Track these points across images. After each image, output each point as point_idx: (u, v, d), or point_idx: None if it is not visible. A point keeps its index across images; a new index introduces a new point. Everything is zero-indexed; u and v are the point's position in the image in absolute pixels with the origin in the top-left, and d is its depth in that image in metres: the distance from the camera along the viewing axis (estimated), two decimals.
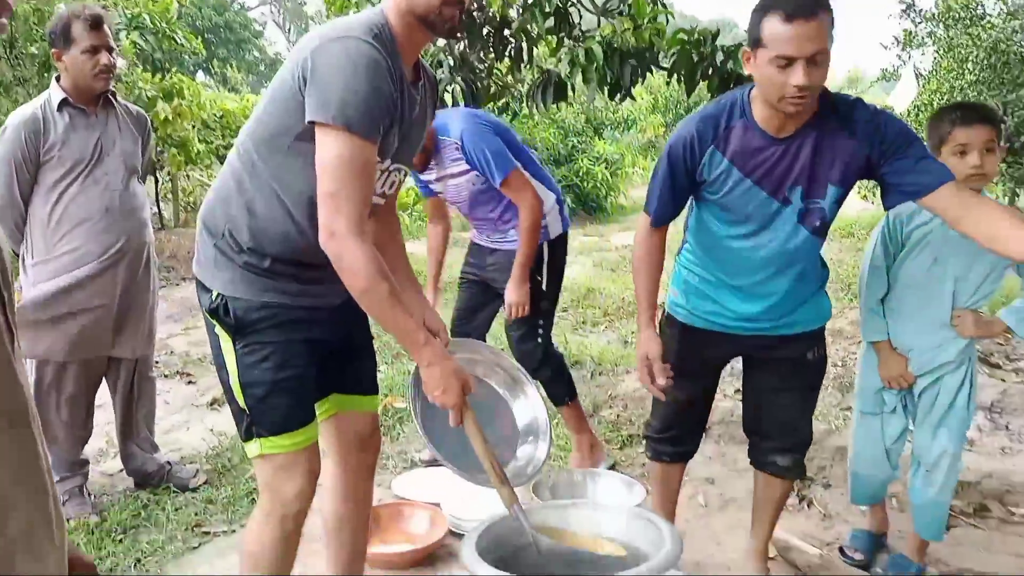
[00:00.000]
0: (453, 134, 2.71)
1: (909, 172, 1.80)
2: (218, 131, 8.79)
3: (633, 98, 3.70)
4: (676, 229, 2.15)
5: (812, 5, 1.69)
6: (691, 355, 2.14)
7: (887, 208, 1.91)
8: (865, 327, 2.32)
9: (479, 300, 3.06)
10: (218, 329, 1.67)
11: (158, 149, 7.06)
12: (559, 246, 2.94)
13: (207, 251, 1.69)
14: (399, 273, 1.84)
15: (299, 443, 1.69)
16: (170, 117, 6.80)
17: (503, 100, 4.03)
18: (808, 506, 2.90)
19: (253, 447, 1.69)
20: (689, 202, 2.08)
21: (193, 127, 7.62)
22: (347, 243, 1.49)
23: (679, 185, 1.97)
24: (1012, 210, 1.89)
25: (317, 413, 1.78)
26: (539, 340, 2.90)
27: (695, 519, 2.75)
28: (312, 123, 1.51)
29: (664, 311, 2.24)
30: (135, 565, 2.52)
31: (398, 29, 1.59)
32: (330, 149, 1.49)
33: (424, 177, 2.91)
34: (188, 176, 9.14)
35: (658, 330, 2.13)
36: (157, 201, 8.57)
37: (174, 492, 2.94)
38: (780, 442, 2.19)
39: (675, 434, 2.26)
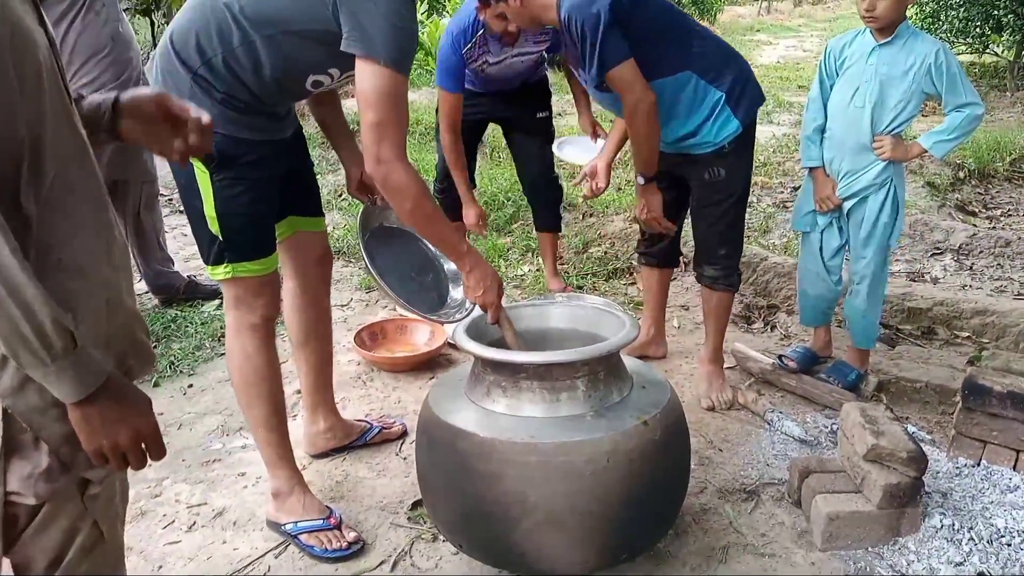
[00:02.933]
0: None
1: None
2: None
3: None
4: None
5: None
6: None
7: None
8: (803, 154, 2.61)
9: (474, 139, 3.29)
10: (193, 161, 1.74)
11: None
12: None
13: (179, 81, 1.72)
14: (338, 128, 2.15)
15: (268, 268, 1.89)
16: None
17: None
18: (771, 329, 3.21)
19: (222, 270, 1.84)
20: None
21: None
22: (393, 168, 1.64)
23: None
24: (630, 118, 2.29)
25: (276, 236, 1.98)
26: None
27: (669, 340, 3.05)
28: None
29: None
30: (169, 367, 2.85)
31: None
32: (373, 83, 1.60)
33: (485, 61, 2.90)
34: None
35: None
36: (154, 42, 8.46)
37: (199, 307, 3.25)
38: (705, 256, 2.54)
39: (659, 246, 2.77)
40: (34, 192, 0.96)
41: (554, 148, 3.29)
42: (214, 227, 1.80)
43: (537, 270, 3.75)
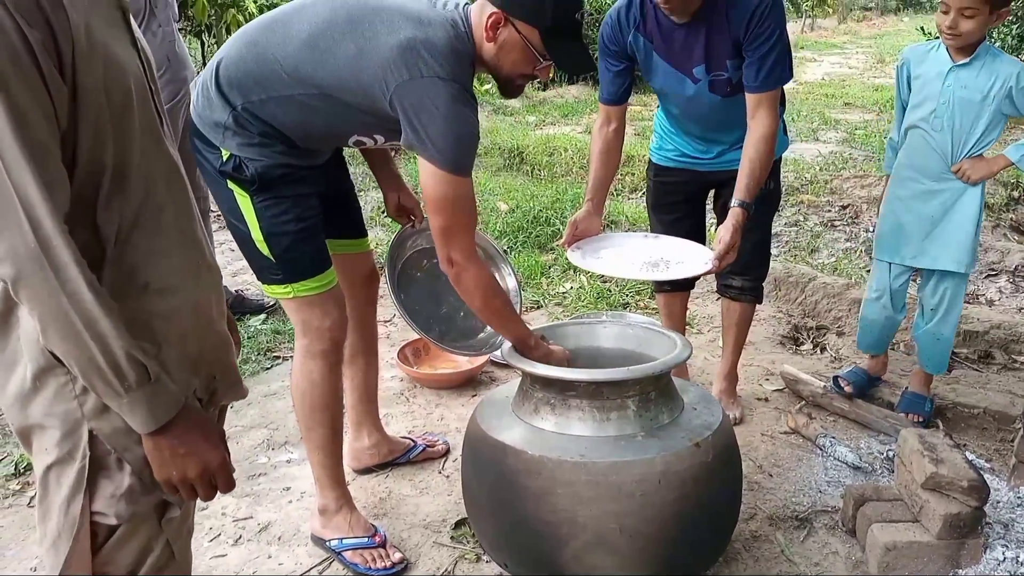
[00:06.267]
0: None
1: (747, 66, 2.10)
2: None
3: None
4: None
5: None
6: (666, 188, 2.51)
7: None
8: (886, 161, 2.57)
9: None
10: (232, 186, 1.74)
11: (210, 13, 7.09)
12: None
13: (219, 113, 1.72)
14: (376, 153, 2.16)
15: (328, 283, 1.85)
16: None
17: None
18: (821, 351, 3.13)
19: (281, 290, 1.82)
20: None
21: None
22: (463, 269, 1.71)
23: (612, 66, 2.28)
24: (763, 140, 2.13)
25: None
26: None
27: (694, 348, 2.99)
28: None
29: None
30: None
31: (476, 56, 1.69)
32: (442, 189, 1.64)
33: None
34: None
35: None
36: (204, 62, 8.70)
37: (245, 321, 3.29)
38: (741, 268, 2.43)
39: None
40: (118, 214, 0.98)
41: (575, 258, 2.22)
42: (264, 249, 1.79)
43: (579, 288, 3.73)
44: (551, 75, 1.79)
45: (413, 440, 2.42)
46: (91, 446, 0.99)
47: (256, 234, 1.78)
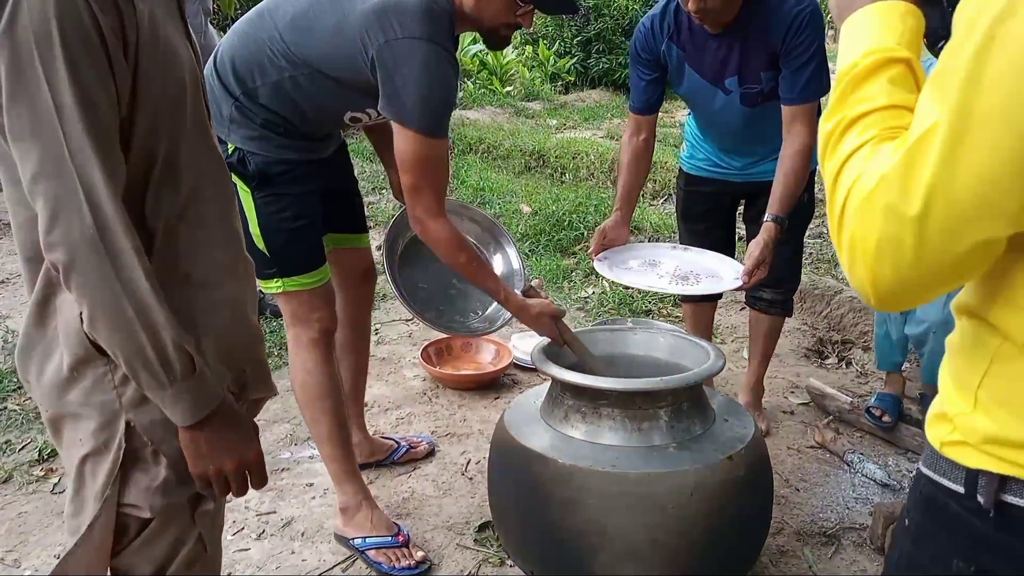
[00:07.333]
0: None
1: (784, 78, 2.07)
2: None
3: None
4: None
5: None
6: (696, 198, 2.49)
7: None
8: None
9: None
10: (235, 180, 1.77)
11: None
12: None
13: (222, 103, 1.78)
14: (381, 132, 2.09)
15: (319, 280, 1.90)
16: None
17: None
18: (847, 365, 3.10)
19: (274, 285, 1.87)
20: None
21: None
22: (428, 226, 1.73)
23: (644, 75, 2.25)
24: (799, 154, 2.07)
25: None
26: None
27: None
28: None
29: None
30: None
31: (456, 12, 1.69)
32: (410, 148, 1.66)
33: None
34: None
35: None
36: None
37: (269, 321, 3.29)
38: (774, 281, 2.34)
39: None
40: (167, 206, 0.98)
41: (603, 272, 2.20)
42: (260, 244, 1.82)
43: (601, 293, 3.71)
44: (532, 24, 1.78)
45: (396, 441, 2.40)
46: (127, 438, 0.99)
47: (253, 229, 1.81)
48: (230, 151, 1.78)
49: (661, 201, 5.19)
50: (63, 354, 0.97)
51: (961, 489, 0.74)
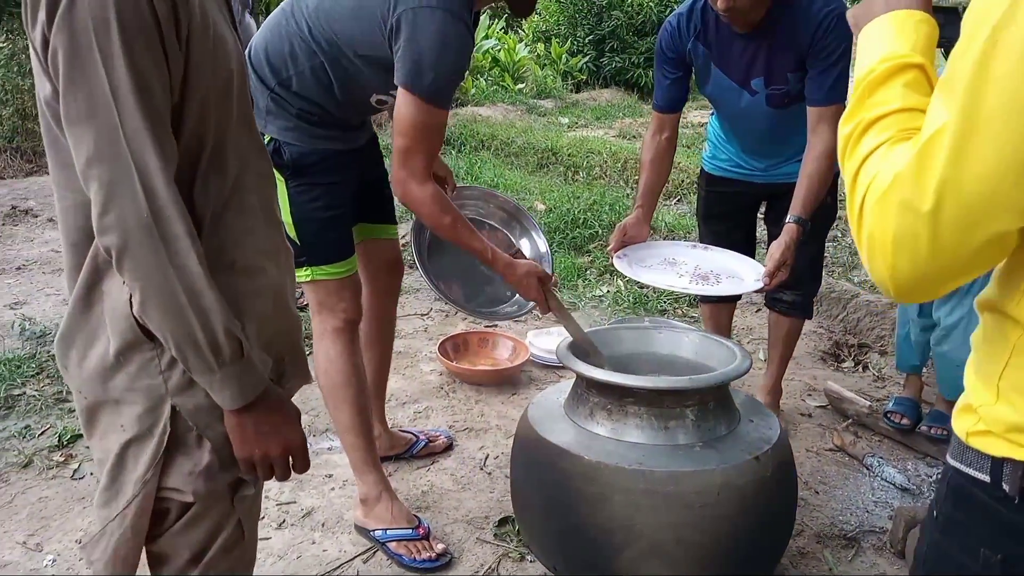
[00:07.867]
0: None
1: (811, 79, 2.07)
2: None
3: None
4: None
5: None
6: (718, 199, 2.48)
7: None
8: None
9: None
10: None
11: None
12: None
13: (258, 96, 1.81)
14: None
15: (347, 270, 1.92)
16: None
17: None
18: (864, 369, 3.10)
19: (302, 273, 1.88)
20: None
21: None
22: (410, 190, 1.72)
23: (669, 73, 2.25)
24: (824, 156, 2.05)
25: None
26: None
27: None
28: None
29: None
30: None
31: None
32: (411, 112, 1.66)
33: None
34: None
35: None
36: None
37: None
38: (795, 283, 2.31)
39: None
40: (214, 194, 0.98)
41: (622, 269, 2.17)
42: (291, 232, 1.84)
43: (616, 292, 3.71)
44: None
45: (415, 435, 2.41)
46: (172, 422, 0.99)
47: (286, 217, 1.84)
48: (266, 141, 1.80)
49: (675, 201, 5.19)
50: (109, 339, 0.98)
51: (987, 478, 0.76)
